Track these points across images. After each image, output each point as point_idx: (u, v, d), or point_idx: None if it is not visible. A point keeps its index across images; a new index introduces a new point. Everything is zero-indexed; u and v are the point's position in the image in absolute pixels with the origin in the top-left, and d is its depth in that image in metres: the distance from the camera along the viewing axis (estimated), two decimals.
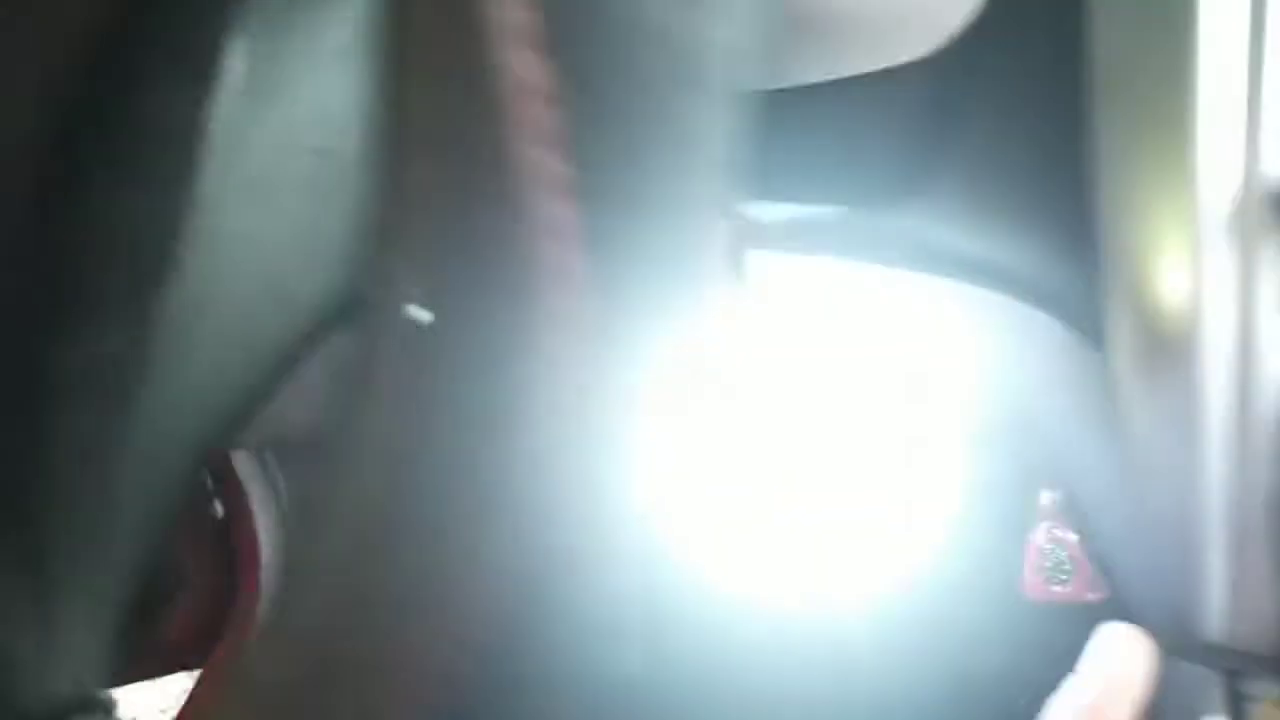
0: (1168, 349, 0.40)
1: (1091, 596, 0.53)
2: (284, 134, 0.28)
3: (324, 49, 0.25)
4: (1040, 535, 0.65)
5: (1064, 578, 0.64)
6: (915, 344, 0.49)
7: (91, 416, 0.29)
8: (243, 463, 0.64)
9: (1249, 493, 0.42)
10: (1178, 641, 0.45)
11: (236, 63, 0.25)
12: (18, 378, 0.27)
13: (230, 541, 0.64)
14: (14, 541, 0.29)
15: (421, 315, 0.18)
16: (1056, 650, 0.35)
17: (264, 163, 0.29)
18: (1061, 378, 0.45)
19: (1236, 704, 0.50)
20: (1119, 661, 0.32)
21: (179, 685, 0.62)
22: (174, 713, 0.61)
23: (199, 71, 0.25)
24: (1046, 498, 0.67)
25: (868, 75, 0.45)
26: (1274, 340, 0.39)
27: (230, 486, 0.64)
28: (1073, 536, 0.63)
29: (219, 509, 0.63)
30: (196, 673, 0.62)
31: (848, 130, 0.46)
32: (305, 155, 0.19)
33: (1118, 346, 0.42)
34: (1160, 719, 0.50)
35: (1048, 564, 0.66)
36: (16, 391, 0.27)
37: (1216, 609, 0.46)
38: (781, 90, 0.47)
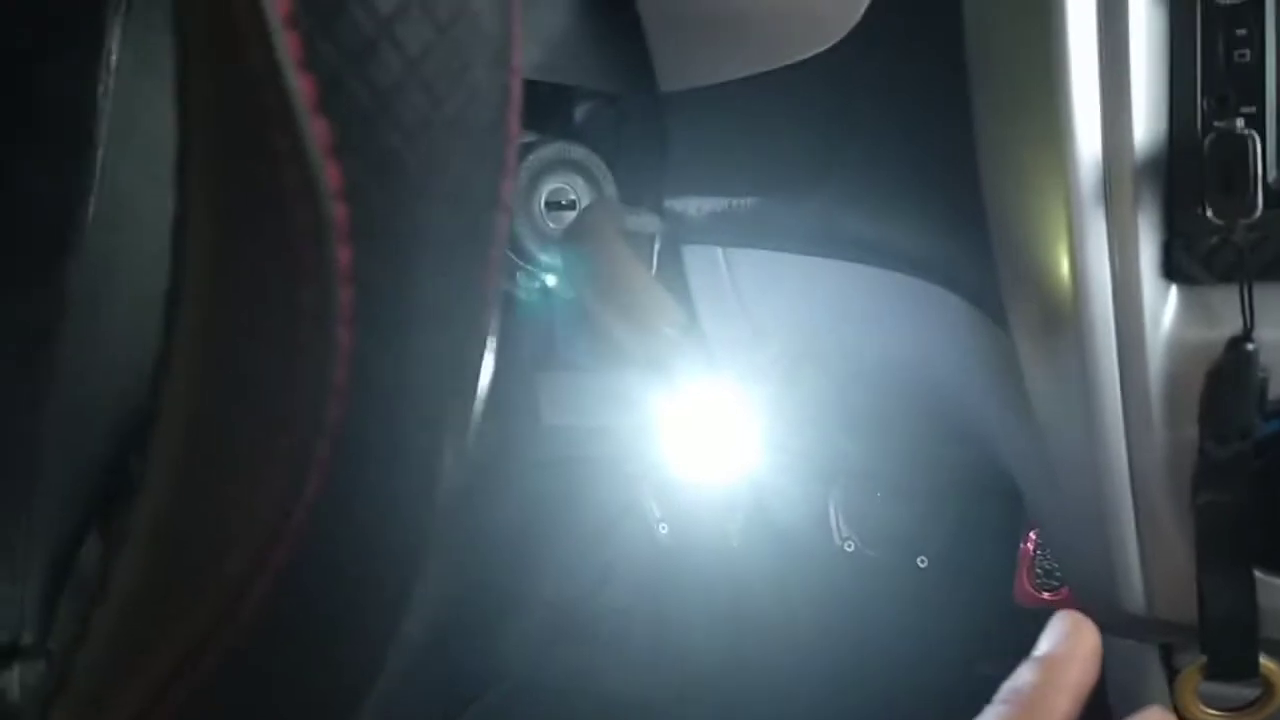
0: (1058, 322, 0.42)
1: None
2: (170, 118, 0.30)
3: None
4: (1031, 542, 0.66)
5: (1055, 584, 0.66)
6: (843, 329, 0.51)
7: (12, 374, 0.31)
8: None
9: (1147, 459, 0.43)
10: (1108, 617, 0.46)
11: (121, 43, 0.28)
12: None
13: None
14: None
15: None
16: None
17: (156, 140, 0.32)
18: (974, 355, 0.46)
19: (1171, 677, 0.51)
20: (1063, 644, 0.33)
21: None
22: None
23: (87, 48, 0.28)
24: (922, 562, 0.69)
25: (770, 73, 0.47)
26: (1154, 307, 0.41)
27: None
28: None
29: None
30: None
31: (756, 125, 0.49)
32: None
33: (1014, 322, 0.44)
34: (1108, 697, 0.52)
35: (1039, 570, 0.67)
36: None
37: (1135, 580, 0.47)
38: (694, 90, 0.50)
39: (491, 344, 0.22)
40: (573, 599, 0.73)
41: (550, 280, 0.53)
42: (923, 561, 0.72)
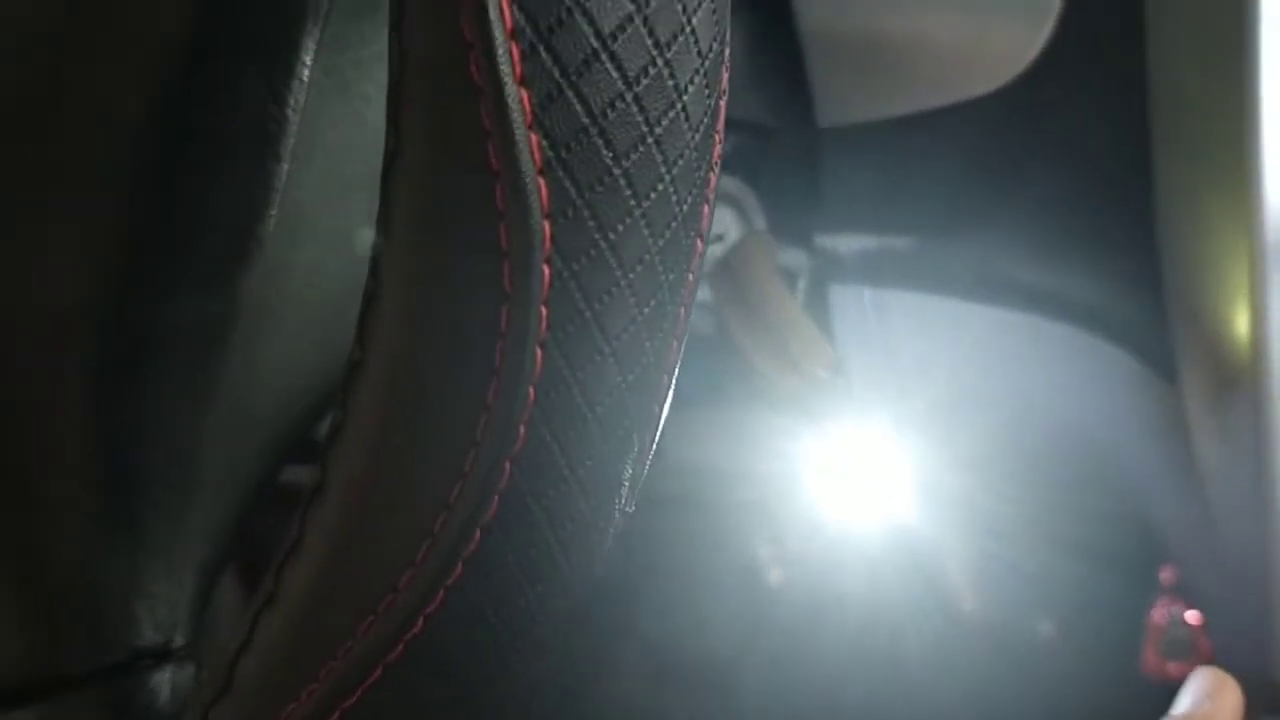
0: (1235, 383, 0.40)
1: None
2: (356, 133, 0.31)
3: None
4: (1160, 612, 0.63)
5: (1184, 656, 0.63)
6: (990, 379, 0.50)
7: (181, 376, 0.32)
8: None
9: None
10: (1259, 692, 0.44)
11: (314, 60, 0.29)
12: (114, 335, 0.30)
13: None
14: (109, 491, 0.32)
15: None
16: None
17: (339, 160, 0.32)
18: (1136, 413, 0.44)
19: None
20: (1204, 703, 0.32)
21: None
22: None
23: (282, 65, 0.28)
24: (1167, 573, 0.66)
25: (939, 109, 0.46)
26: None
27: None
28: (1193, 614, 0.61)
29: None
30: None
31: (918, 162, 0.47)
32: (377, 156, 0.21)
33: (1187, 380, 0.42)
34: None
35: (1167, 641, 0.64)
36: (116, 348, 0.31)
37: None
38: (856, 125, 0.49)
39: (674, 374, 0.21)
40: (674, 641, 0.72)
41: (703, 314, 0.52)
42: (1045, 626, 0.70)
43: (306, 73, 0.29)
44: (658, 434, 0.22)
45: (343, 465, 0.20)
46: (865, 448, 0.42)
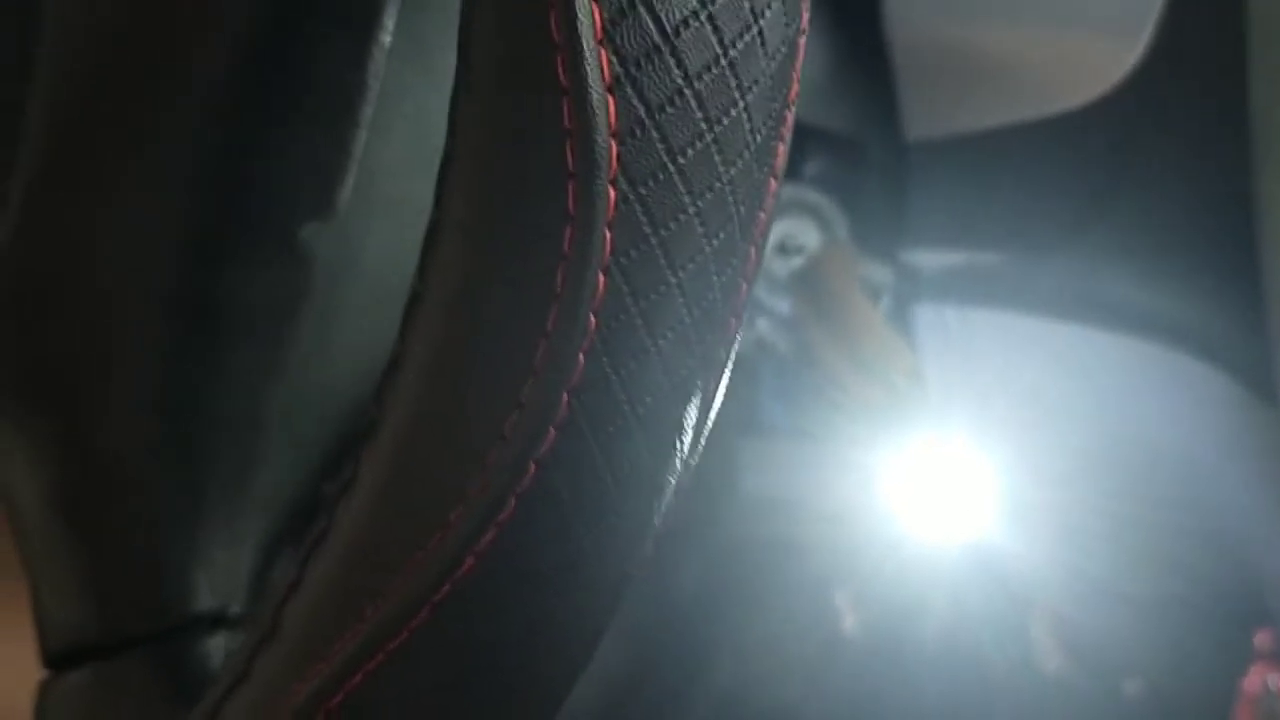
0: None
1: None
2: (436, 104, 0.31)
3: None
4: (1254, 679, 0.60)
5: None
6: (1080, 400, 0.48)
7: (249, 346, 0.32)
8: None
9: None
10: None
11: (391, 24, 0.29)
12: (187, 302, 0.30)
13: None
14: (174, 458, 0.32)
15: None
16: None
17: (418, 132, 0.32)
18: (1237, 439, 0.43)
19: None
20: None
21: None
22: None
23: (361, 30, 0.28)
24: (1263, 637, 0.62)
25: (1030, 123, 0.45)
26: None
27: None
28: None
29: None
30: None
31: (1007, 176, 0.46)
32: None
33: None
34: None
35: (1262, 712, 0.61)
36: (185, 314, 0.31)
37: None
38: (944, 138, 0.48)
39: (724, 385, 0.21)
40: (746, 690, 0.70)
41: (767, 330, 0.52)
42: (1131, 686, 0.66)
43: (388, 38, 0.29)
44: (723, 383, 0.21)
45: (397, 397, 0.20)
46: (947, 462, 0.41)
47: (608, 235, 0.18)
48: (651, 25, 0.18)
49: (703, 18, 0.18)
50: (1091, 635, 0.64)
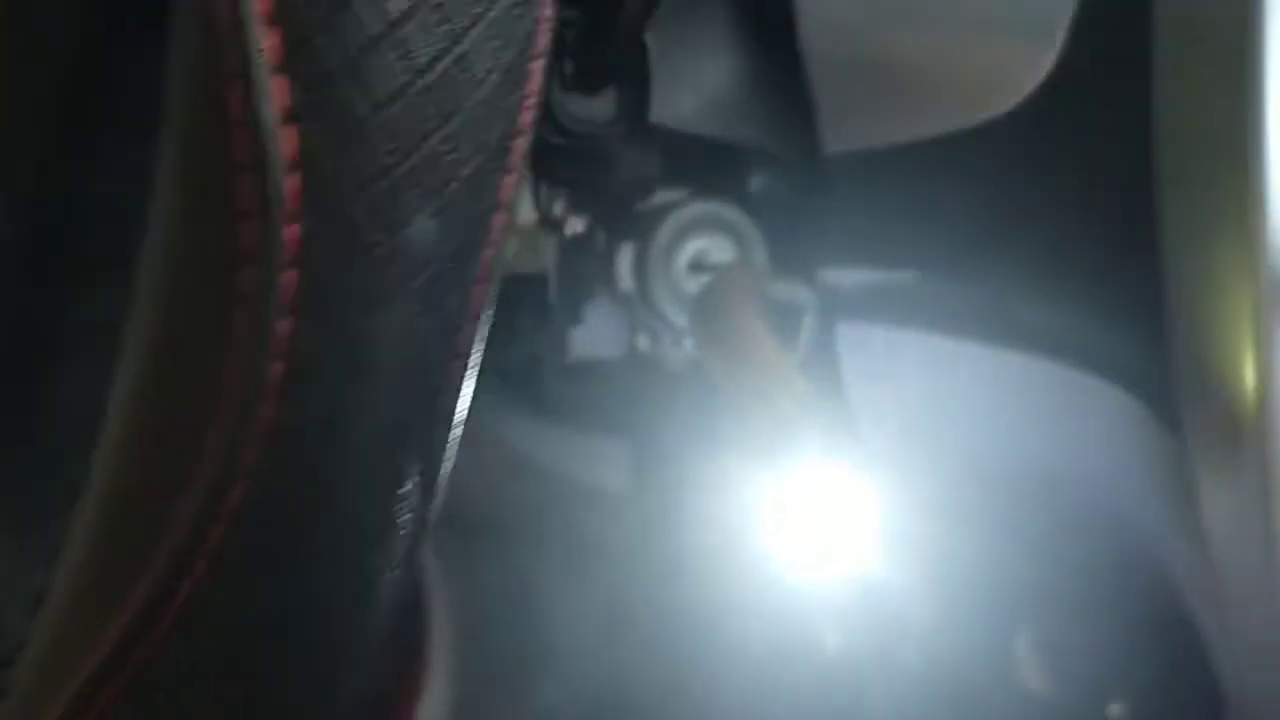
0: (1237, 430, 0.37)
1: None
2: None
3: None
4: None
5: None
6: (994, 421, 0.47)
7: (85, 379, 0.31)
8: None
9: None
10: None
11: None
12: (17, 333, 0.30)
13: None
14: (8, 503, 0.31)
15: None
16: None
17: None
18: (1141, 461, 0.41)
19: None
20: None
21: None
22: None
23: (156, 31, 0.27)
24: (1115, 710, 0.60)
25: (944, 136, 0.44)
26: None
27: None
28: None
29: None
30: None
31: (923, 193, 0.45)
32: None
33: (1189, 427, 0.38)
34: None
35: None
36: (14, 347, 0.30)
37: None
38: (859, 152, 0.47)
39: (474, 364, 0.20)
40: (614, 681, 0.68)
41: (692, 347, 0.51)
42: (1114, 710, 0.65)
43: None
44: (452, 429, 0.20)
45: (107, 436, 0.19)
46: (831, 490, 0.39)
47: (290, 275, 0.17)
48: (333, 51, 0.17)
49: (390, 40, 0.17)
50: (1073, 655, 0.62)
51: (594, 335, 0.54)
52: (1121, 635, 0.60)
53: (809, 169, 0.48)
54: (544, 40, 0.19)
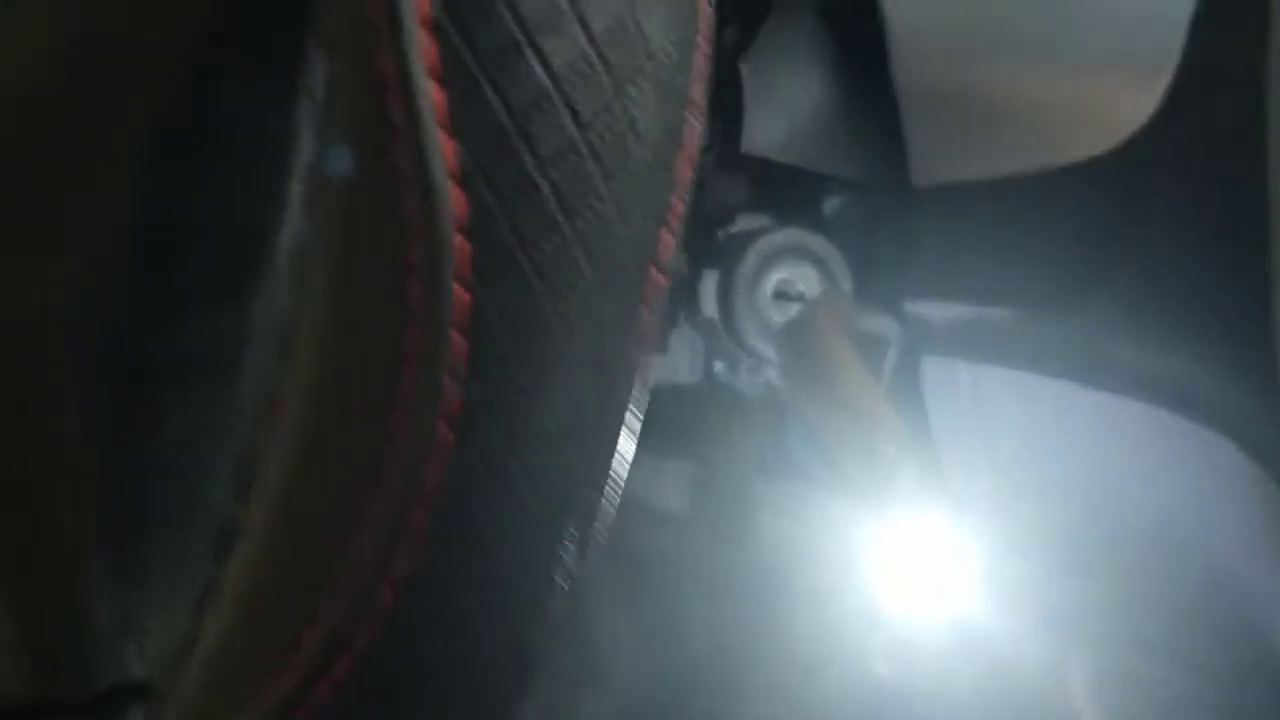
0: None
1: None
2: None
3: None
4: None
5: None
6: (1089, 465, 0.46)
7: (187, 405, 0.31)
8: None
9: None
10: None
11: (317, 73, 0.27)
12: (121, 361, 0.29)
13: None
14: (111, 523, 0.31)
15: None
16: None
17: None
18: (1242, 513, 0.40)
19: None
20: None
21: None
22: None
23: (284, 76, 0.27)
24: None
25: (1042, 172, 0.43)
26: None
27: None
28: None
29: None
30: None
31: (1019, 227, 0.44)
32: None
33: None
34: None
35: None
36: (119, 374, 0.30)
37: None
38: (954, 185, 0.46)
39: (635, 426, 0.19)
40: None
41: (775, 376, 0.50)
42: None
43: (318, 85, 0.28)
44: (607, 488, 0.19)
45: (258, 505, 0.19)
46: (934, 534, 0.38)
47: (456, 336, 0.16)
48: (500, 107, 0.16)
49: (555, 99, 0.16)
50: (1134, 701, 0.61)
51: (671, 360, 0.53)
52: (1215, 687, 0.58)
53: (897, 200, 0.47)
54: (701, 90, 0.19)
